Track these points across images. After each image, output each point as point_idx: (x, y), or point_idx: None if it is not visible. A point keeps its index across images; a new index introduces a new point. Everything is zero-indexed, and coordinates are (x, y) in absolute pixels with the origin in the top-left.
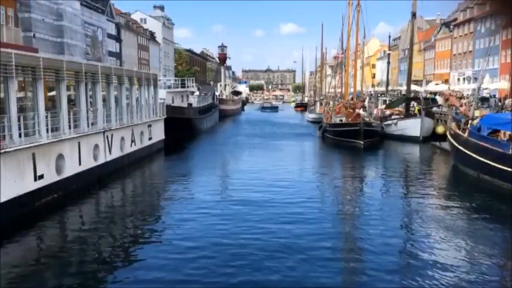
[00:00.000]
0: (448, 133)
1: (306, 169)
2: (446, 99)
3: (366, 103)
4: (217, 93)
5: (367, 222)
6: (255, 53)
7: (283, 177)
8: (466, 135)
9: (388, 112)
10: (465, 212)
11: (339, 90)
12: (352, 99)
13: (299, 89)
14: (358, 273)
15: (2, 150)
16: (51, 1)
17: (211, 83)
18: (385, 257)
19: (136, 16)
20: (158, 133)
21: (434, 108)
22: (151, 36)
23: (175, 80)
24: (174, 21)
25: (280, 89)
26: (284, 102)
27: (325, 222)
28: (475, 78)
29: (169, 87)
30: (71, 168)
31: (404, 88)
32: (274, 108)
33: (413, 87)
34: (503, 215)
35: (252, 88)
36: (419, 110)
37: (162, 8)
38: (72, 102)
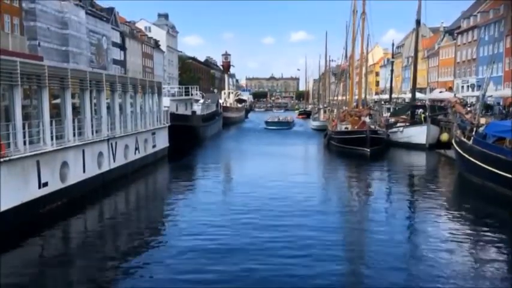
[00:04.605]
0: (453, 141)
1: (313, 177)
2: (452, 107)
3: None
4: (221, 101)
5: (373, 230)
6: (261, 61)
7: (289, 186)
8: (470, 142)
9: (393, 119)
10: (468, 219)
11: (343, 97)
12: (356, 106)
13: (302, 96)
14: (363, 279)
15: (7, 158)
16: (57, 10)
17: (215, 90)
18: (390, 263)
19: (140, 24)
20: (162, 141)
21: (440, 116)
22: (156, 44)
23: (179, 88)
24: (185, 29)
25: (284, 97)
26: (287, 109)
27: (330, 229)
28: (479, 86)
29: (173, 95)
30: (75, 175)
31: (408, 96)
32: (285, 125)
33: (417, 94)
34: (507, 223)
35: (255, 96)
36: (425, 118)
37: (166, 17)
38: (76, 110)
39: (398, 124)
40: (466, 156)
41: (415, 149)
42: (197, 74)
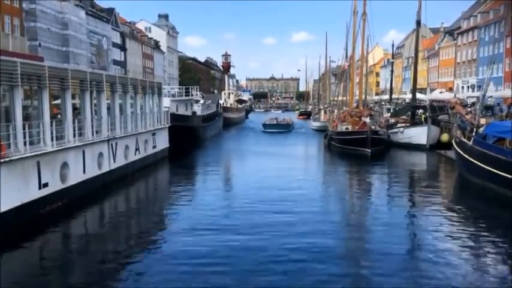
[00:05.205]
0: (453, 141)
1: (313, 177)
2: (452, 107)
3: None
4: (221, 102)
5: (373, 230)
6: (261, 61)
7: (290, 186)
8: (471, 143)
9: (393, 120)
10: (469, 220)
11: (343, 98)
12: (357, 107)
13: (302, 97)
14: (363, 279)
15: (7, 158)
16: (57, 10)
17: (216, 91)
18: (390, 263)
19: (141, 25)
20: (162, 141)
21: (441, 116)
22: (156, 45)
23: (180, 89)
24: (185, 29)
25: (284, 97)
26: (287, 110)
27: (330, 229)
28: (479, 87)
29: (173, 95)
30: (76, 176)
31: (408, 96)
32: (284, 128)
33: (417, 95)
34: (507, 223)
35: (255, 96)
36: (425, 118)
37: (166, 17)
38: (77, 111)
39: (399, 125)
40: (466, 156)
41: (416, 150)
42: (197, 74)
